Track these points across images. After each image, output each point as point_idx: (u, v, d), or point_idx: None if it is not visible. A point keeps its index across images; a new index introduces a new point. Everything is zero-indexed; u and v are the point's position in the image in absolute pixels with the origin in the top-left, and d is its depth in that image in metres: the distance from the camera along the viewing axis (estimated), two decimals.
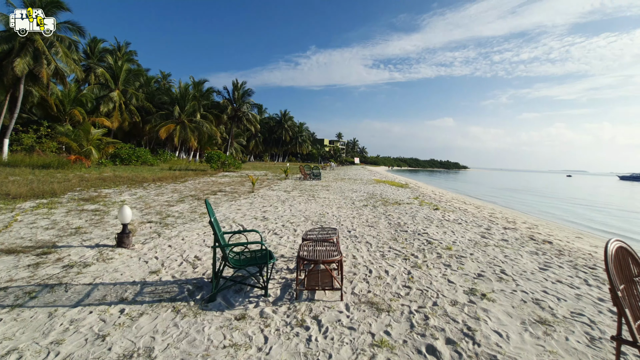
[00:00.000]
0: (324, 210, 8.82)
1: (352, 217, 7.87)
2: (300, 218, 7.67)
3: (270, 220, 7.24)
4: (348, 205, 9.91)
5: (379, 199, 11.63)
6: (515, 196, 26.51)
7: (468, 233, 6.57)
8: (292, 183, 17.44)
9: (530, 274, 4.21)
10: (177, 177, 16.72)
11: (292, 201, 10.44)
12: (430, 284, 3.70)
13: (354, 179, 23.42)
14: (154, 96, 38.17)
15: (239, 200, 10.04)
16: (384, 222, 7.39)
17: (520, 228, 8.72)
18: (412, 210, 9.24)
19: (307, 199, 11.02)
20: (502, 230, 7.29)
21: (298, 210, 8.70)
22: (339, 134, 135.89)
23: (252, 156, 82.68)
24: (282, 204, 9.70)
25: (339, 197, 11.90)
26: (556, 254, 5.62)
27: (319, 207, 9.48)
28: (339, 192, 13.69)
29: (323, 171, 36.70)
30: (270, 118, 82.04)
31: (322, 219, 7.56)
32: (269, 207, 9.15)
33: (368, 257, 4.66)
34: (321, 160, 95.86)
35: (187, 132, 36.00)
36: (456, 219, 8.34)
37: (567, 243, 7.79)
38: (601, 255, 6.71)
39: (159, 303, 3.13)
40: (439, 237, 6.00)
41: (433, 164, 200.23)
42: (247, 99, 45.64)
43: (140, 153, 27.26)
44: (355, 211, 8.85)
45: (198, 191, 11.73)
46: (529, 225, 10.76)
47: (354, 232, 6.24)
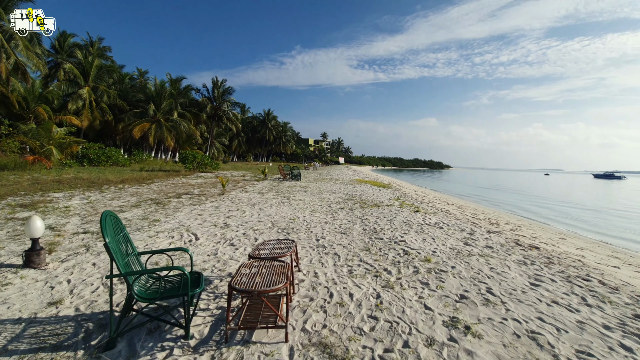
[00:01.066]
0: (295, 215, 8.04)
1: (325, 223, 7.12)
2: (266, 224, 6.86)
3: (232, 228, 6.40)
4: (323, 209, 9.16)
5: (358, 201, 10.95)
6: (497, 195, 26.50)
7: (450, 239, 5.93)
8: (270, 184, 16.58)
9: (521, 292, 3.57)
10: (144, 178, 15.57)
11: (264, 204, 9.61)
12: (403, 312, 2.98)
13: (336, 179, 22.73)
14: (128, 94, 36.42)
15: (203, 204, 9.14)
16: (359, 227, 6.67)
17: (504, 231, 8.19)
18: (391, 214, 8.58)
19: (281, 202, 10.22)
20: (486, 235, 6.71)
21: (267, 215, 7.88)
22: (324, 134, 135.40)
23: (235, 156, 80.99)
24: (251, 208, 8.86)
25: (315, 199, 11.14)
26: (545, 262, 5.05)
27: (291, 210, 8.70)
28: (317, 194, 12.94)
29: (306, 171, 35.89)
30: (254, 117, 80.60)
31: (291, 225, 6.78)
32: (235, 211, 8.30)
33: (332, 275, 3.91)
34: (305, 160, 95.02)
35: (164, 131, 34.48)
36: (437, 223, 7.72)
37: (553, 247, 7.30)
38: (591, 261, 6.22)
39: (35, 355, 2.28)
40: (417, 246, 5.31)
41: (417, 163, 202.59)
42: (227, 98, 44.31)
43: (110, 153, 25.76)
44: (330, 215, 8.11)
45: (161, 194, 10.73)
46: (512, 226, 10.31)
47: (322, 242, 5.48)
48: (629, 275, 5.72)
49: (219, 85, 43.68)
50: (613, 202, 24.35)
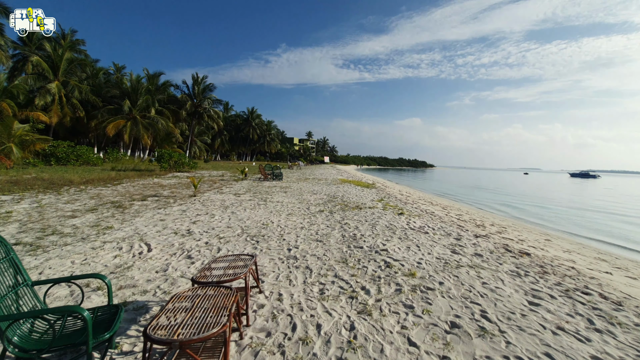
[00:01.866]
0: (270, 219, 7.36)
1: (300, 228, 6.48)
2: (235, 231, 6.15)
3: (194, 235, 5.67)
4: (301, 211, 8.52)
5: (339, 203, 10.36)
6: (480, 195, 26.52)
7: (436, 247, 5.40)
8: (249, 184, 15.79)
9: (520, 315, 3.03)
10: (112, 179, 14.50)
11: (237, 207, 8.88)
12: (382, 351, 2.37)
13: (319, 179, 22.12)
14: (102, 89, 34.63)
15: (170, 208, 8.33)
16: (338, 234, 6.06)
17: (491, 234, 7.78)
18: (373, 217, 8.02)
19: (257, 204, 9.51)
20: (473, 240, 6.23)
21: (238, 220, 7.17)
22: (309, 133, 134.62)
23: (218, 155, 79.24)
24: (222, 211, 8.12)
25: (295, 201, 10.48)
26: (539, 272, 4.58)
27: (266, 214, 8.01)
28: (297, 195, 12.28)
29: (289, 171, 35.15)
30: (237, 115, 79.03)
31: (262, 232, 6.09)
32: (203, 215, 7.54)
33: (300, 297, 3.28)
34: (290, 159, 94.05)
35: (140, 129, 32.97)
36: (422, 227, 7.21)
37: (542, 252, 6.92)
38: (583, 268, 5.84)
39: None
40: (400, 256, 4.74)
41: (402, 162, 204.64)
42: (208, 95, 42.91)
43: (80, 152, 24.29)
44: (307, 219, 7.47)
45: (125, 197, 9.82)
46: (497, 228, 9.97)
47: (295, 252, 4.84)
48: (623, 282, 5.35)
49: (200, 81, 42.23)
50: (592, 200, 24.74)
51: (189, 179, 16.33)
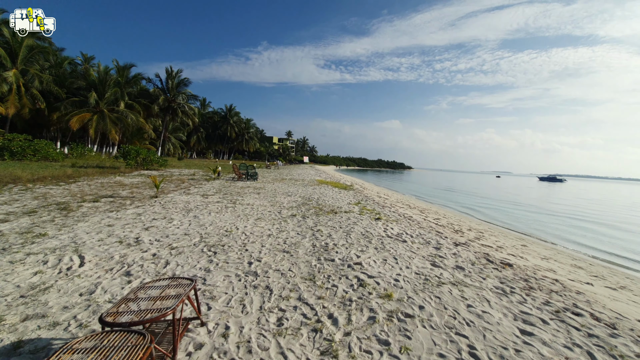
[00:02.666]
0: (235, 224, 6.66)
1: (267, 236, 5.84)
2: (193, 239, 5.43)
3: (143, 245, 4.91)
4: (272, 216, 7.86)
5: (313, 206, 9.78)
6: (457, 198, 26.77)
7: (415, 259, 4.92)
8: (220, 185, 14.92)
9: (514, 352, 2.56)
10: (69, 176, 13.23)
11: (202, 210, 8.11)
12: None
13: (296, 180, 21.46)
14: (66, 80, 32.34)
15: (124, 211, 7.44)
16: (308, 243, 5.46)
17: (470, 240, 7.45)
18: (348, 223, 7.50)
19: (224, 207, 8.76)
20: (453, 250, 5.82)
21: (199, 225, 6.43)
22: (289, 132, 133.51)
23: (194, 153, 76.80)
24: (183, 215, 7.33)
25: (266, 203, 9.80)
26: (525, 287, 4.20)
27: (232, 218, 7.30)
28: (270, 196, 11.59)
29: (266, 170, 34.26)
30: (215, 113, 76.86)
31: (223, 240, 5.40)
32: (160, 220, 6.74)
33: (251, 331, 2.65)
34: (269, 158, 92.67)
35: (107, 123, 31.02)
36: (400, 234, 6.75)
37: (522, 260, 6.65)
38: (564, 279, 5.56)
39: None
40: (376, 271, 4.21)
41: (380, 164, 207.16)
42: (183, 89, 41.19)
43: (39, 146, 22.45)
44: (277, 225, 6.83)
45: (76, 197, 8.80)
46: (475, 233, 9.74)
47: (256, 266, 4.20)
48: (607, 295, 5.10)
49: (174, 75, 40.44)
50: (561, 204, 25.52)
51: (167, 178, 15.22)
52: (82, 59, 43.47)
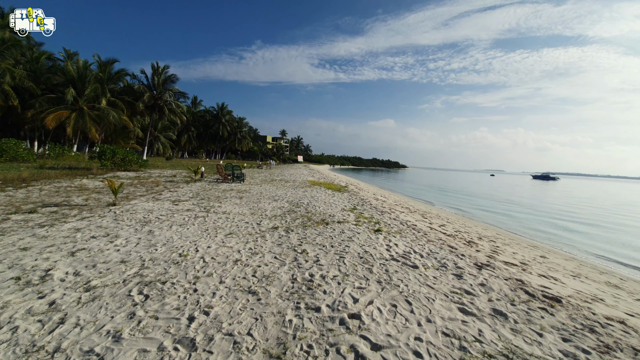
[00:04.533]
0: (196, 243, 5.17)
1: (234, 262, 4.36)
2: (128, 270, 3.94)
3: (48, 284, 3.40)
4: (248, 229, 6.39)
5: (302, 215, 8.32)
6: (460, 200, 25.50)
7: (436, 301, 3.48)
8: (200, 187, 13.38)
9: None
10: (23, 179, 11.59)
11: (163, 222, 6.60)
12: None
13: (286, 181, 19.96)
14: (42, 75, 30.35)
15: (60, 225, 5.90)
16: (287, 275, 4.00)
17: (488, 257, 6.07)
18: (342, 238, 6.05)
19: (193, 217, 7.27)
20: (479, 277, 4.41)
21: (149, 245, 4.94)
22: (283, 131, 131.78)
23: (185, 152, 74.85)
24: (135, 231, 5.82)
25: (246, 211, 8.32)
26: (599, 346, 2.82)
27: (197, 233, 5.81)
28: (253, 202, 10.10)
29: (257, 170, 32.69)
30: (206, 111, 74.88)
31: (169, 272, 3.91)
32: (101, 238, 5.23)
33: None
34: (262, 157, 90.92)
35: (87, 121, 29.15)
36: (407, 253, 5.33)
37: (558, 284, 5.28)
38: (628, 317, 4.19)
39: None
40: (383, 333, 2.75)
41: (375, 163, 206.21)
42: (170, 86, 39.31)
43: (7, 146, 20.65)
44: (251, 243, 5.36)
45: (11, 206, 7.23)
46: (488, 244, 8.39)
47: (198, 324, 2.73)
48: None
49: (160, 72, 38.54)
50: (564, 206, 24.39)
51: (148, 179, 13.61)
52: (64, 55, 41.34)
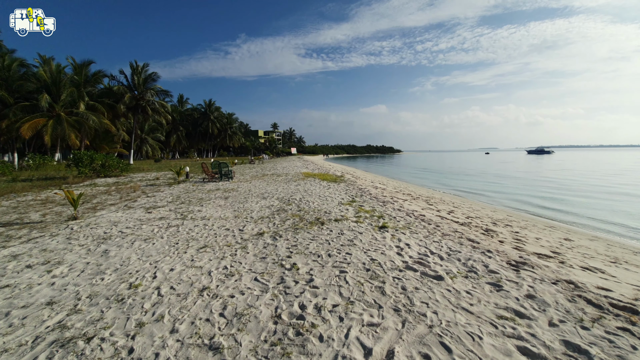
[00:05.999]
0: (157, 265, 4.07)
1: (199, 292, 3.27)
2: (51, 318, 2.83)
3: None
4: (227, 238, 5.29)
5: (293, 213, 7.22)
6: (460, 180, 24.53)
7: (484, 342, 2.41)
8: (183, 189, 12.21)
9: None
10: None
11: (126, 237, 5.48)
12: None
13: (279, 175, 18.81)
14: (14, 83, 28.57)
15: (4, 250, 4.77)
16: (266, 311, 2.89)
17: (516, 249, 5.04)
18: (341, 242, 4.97)
19: (165, 227, 6.14)
20: (522, 285, 3.37)
21: (95, 273, 3.83)
22: (274, 125, 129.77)
23: (176, 153, 73.01)
24: (87, 253, 4.70)
25: (229, 214, 7.21)
26: None
27: (162, 250, 4.70)
28: (239, 201, 8.98)
29: (249, 166, 31.44)
30: (194, 109, 72.82)
31: (105, 317, 2.81)
32: (37, 267, 4.11)
33: None
34: (254, 153, 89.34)
35: (65, 128, 27.58)
36: (423, 256, 4.28)
37: (609, 279, 4.28)
38: None
39: None
40: None
41: (370, 149, 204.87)
42: (151, 85, 37.54)
43: None
44: (227, 260, 4.27)
45: None
46: (505, 229, 7.38)
47: None
48: None
49: (140, 70, 36.71)
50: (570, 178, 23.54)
51: (127, 186, 12.36)
52: (39, 61, 39.18)
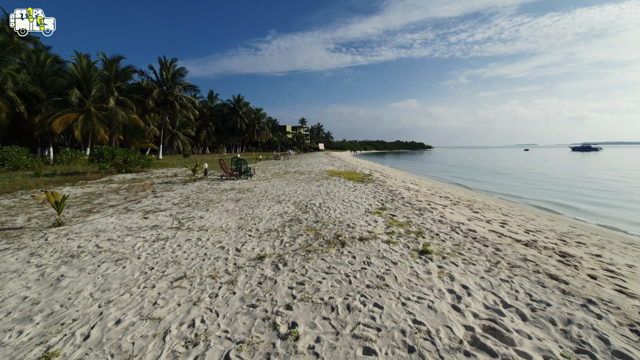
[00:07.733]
0: (103, 312, 2.91)
1: None
2: None
3: None
4: (216, 264, 4.05)
5: (309, 225, 5.87)
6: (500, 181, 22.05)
7: None
8: (197, 188, 11.26)
9: None
10: None
11: (97, 256, 4.41)
12: None
13: (301, 172, 17.56)
14: (46, 78, 29.38)
15: None
16: None
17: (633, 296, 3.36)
18: (367, 281, 3.55)
19: (151, 241, 5.03)
20: None
21: (25, 316, 2.72)
22: (302, 120, 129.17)
23: (206, 148, 74.25)
24: (41, 276, 3.65)
25: (233, 223, 6.00)
26: None
27: (126, 281, 3.55)
28: (250, 206, 7.78)
29: (274, 162, 30.55)
30: (223, 105, 73.54)
31: None
32: None
33: None
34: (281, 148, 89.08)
35: (94, 123, 28.04)
36: (494, 314, 2.78)
37: None
38: None
39: None
40: None
41: (399, 145, 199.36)
42: (179, 80, 37.68)
43: (9, 154, 19.66)
44: (201, 308, 3.00)
45: None
46: (586, 253, 5.59)
47: None
48: None
49: (169, 66, 36.93)
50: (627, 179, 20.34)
51: (134, 183, 11.73)
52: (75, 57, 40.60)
